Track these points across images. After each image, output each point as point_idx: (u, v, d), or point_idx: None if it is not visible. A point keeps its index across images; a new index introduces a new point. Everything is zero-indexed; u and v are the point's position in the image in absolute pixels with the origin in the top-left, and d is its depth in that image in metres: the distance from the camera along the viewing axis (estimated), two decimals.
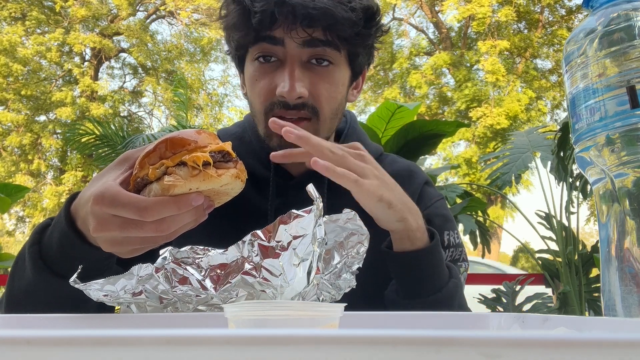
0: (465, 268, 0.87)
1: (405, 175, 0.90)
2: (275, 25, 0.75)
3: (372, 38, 0.83)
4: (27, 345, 0.19)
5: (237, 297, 0.52)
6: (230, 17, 0.80)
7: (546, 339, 0.19)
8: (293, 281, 0.52)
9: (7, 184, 3.36)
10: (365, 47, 0.83)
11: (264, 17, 0.74)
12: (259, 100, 0.81)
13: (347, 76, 0.84)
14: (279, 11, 0.73)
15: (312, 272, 0.52)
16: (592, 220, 8.95)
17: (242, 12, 0.77)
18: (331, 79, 0.80)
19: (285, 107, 0.78)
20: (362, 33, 0.79)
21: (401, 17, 14.96)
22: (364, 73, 0.92)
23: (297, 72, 0.77)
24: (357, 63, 0.85)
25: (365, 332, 0.18)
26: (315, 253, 0.52)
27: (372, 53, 0.89)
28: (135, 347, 0.19)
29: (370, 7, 0.79)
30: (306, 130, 0.78)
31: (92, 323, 0.47)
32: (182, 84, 4.65)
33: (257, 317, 0.38)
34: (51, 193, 12.66)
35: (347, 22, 0.75)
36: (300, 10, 0.72)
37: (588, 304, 2.58)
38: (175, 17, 14.95)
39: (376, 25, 0.82)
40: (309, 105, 0.79)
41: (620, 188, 0.51)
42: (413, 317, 0.47)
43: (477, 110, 12.14)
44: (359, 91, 0.94)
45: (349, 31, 0.76)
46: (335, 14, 0.73)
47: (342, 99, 0.85)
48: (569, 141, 2.42)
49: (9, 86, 12.82)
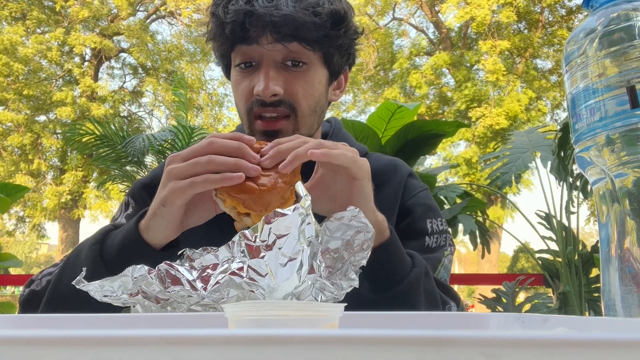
0: (450, 252, 0.92)
1: (390, 169, 0.96)
2: (246, 34, 0.82)
3: (343, 39, 0.87)
4: (27, 345, 0.19)
5: (228, 297, 0.52)
6: (210, 29, 0.88)
7: (546, 339, 0.19)
8: (282, 281, 0.51)
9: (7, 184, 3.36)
10: (338, 48, 0.87)
11: (235, 26, 0.82)
12: (242, 102, 0.87)
13: (324, 76, 0.89)
14: (248, 21, 0.81)
15: (302, 271, 0.52)
16: (592, 220, 8.96)
17: (218, 24, 0.84)
18: (307, 78, 0.86)
19: (262, 105, 0.84)
20: (330, 35, 0.84)
21: (401, 17, 14.97)
22: (346, 73, 0.97)
23: (272, 73, 0.83)
24: (334, 63, 0.89)
25: (365, 332, 0.18)
26: (305, 252, 0.52)
27: (351, 54, 0.93)
28: (135, 347, 0.19)
29: (337, 11, 0.84)
30: (286, 128, 0.86)
31: (92, 323, 0.47)
32: (182, 84, 4.65)
33: (257, 317, 0.38)
34: (51, 193, 12.67)
35: (311, 26, 0.81)
36: (266, 18, 0.80)
37: (588, 304, 2.58)
38: (175, 17, 14.95)
39: (345, 28, 0.86)
40: (286, 102, 0.84)
41: (620, 188, 0.51)
42: (413, 317, 0.47)
43: (477, 111, 12.15)
44: (341, 91, 0.98)
45: (315, 34, 0.82)
46: (296, 18, 0.80)
47: (320, 96, 0.89)
48: (569, 141, 2.42)
49: (9, 86, 12.83)
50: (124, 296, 0.52)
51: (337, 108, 14.21)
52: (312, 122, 0.89)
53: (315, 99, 0.87)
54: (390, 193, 0.94)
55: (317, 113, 0.90)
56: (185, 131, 3.68)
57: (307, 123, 0.88)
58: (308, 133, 0.88)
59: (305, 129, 0.87)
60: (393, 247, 0.73)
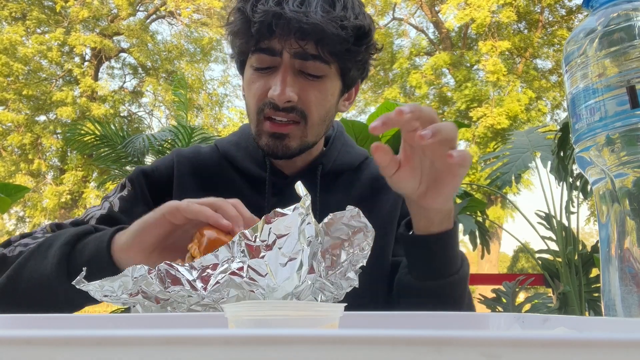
0: None
1: None
2: (272, 36, 0.82)
3: (363, 55, 0.88)
4: (27, 345, 0.19)
5: (228, 297, 0.52)
6: (234, 24, 0.86)
7: (546, 339, 0.19)
8: (282, 281, 0.51)
9: (7, 184, 3.36)
10: (356, 62, 0.88)
11: (262, 27, 0.81)
12: (253, 101, 0.87)
13: (337, 88, 0.89)
14: (276, 23, 0.80)
15: (302, 271, 0.52)
16: (592, 220, 8.95)
17: (244, 21, 0.83)
18: (321, 88, 0.86)
19: (275, 108, 0.84)
20: (352, 50, 0.84)
21: (401, 17, 14.97)
22: (357, 86, 0.97)
23: (289, 79, 0.83)
24: (349, 77, 0.90)
25: (365, 332, 0.18)
26: (305, 251, 0.52)
27: (365, 68, 0.93)
28: (135, 347, 0.19)
29: (362, 27, 0.84)
30: (294, 134, 0.86)
31: (92, 323, 0.47)
32: (182, 84, 4.65)
33: (257, 317, 0.38)
34: (51, 193, 12.66)
35: (336, 38, 0.81)
36: (294, 24, 0.79)
37: (588, 304, 2.58)
38: (175, 17, 14.95)
39: (367, 44, 0.87)
40: (298, 109, 0.84)
41: (620, 188, 0.51)
42: (413, 317, 0.47)
43: (477, 111, 12.14)
44: (350, 102, 0.98)
45: (338, 47, 0.82)
46: (325, 29, 0.79)
47: (331, 107, 0.90)
48: (569, 141, 2.42)
49: (9, 86, 12.82)
50: (124, 296, 0.52)
51: None
52: (320, 130, 0.90)
53: (326, 110, 0.88)
54: (390, 198, 0.95)
55: (326, 123, 0.91)
56: (185, 131, 3.68)
57: (315, 131, 0.88)
58: (314, 140, 0.90)
59: (312, 137, 0.88)
60: (453, 238, 0.74)
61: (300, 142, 0.87)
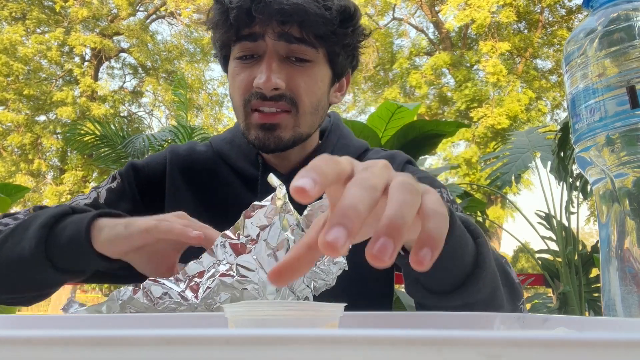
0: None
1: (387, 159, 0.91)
2: (252, 22, 0.78)
3: (350, 39, 0.84)
4: (27, 345, 0.19)
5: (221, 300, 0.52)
6: (213, 16, 0.83)
7: (546, 339, 0.19)
8: None
9: (7, 184, 3.36)
10: (344, 47, 0.84)
11: (240, 12, 0.77)
12: (239, 93, 0.82)
13: (327, 75, 0.85)
14: (255, 7, 0.76)
15: None
16: (592, 220, 8.95)
17: (222, 11, 0.80)
18: (310, 73, 0.82)
19: (262, 98, 0.79)
20: (337, 32, 0.80)
21: (401, 17, 14.97)
22: (348, 76, 0.94)
23: (275, 65, 0.79)
24: (338, 64, 0.86)
25: (365, 332, 0.18)
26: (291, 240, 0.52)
27: (355, 56, 0.90)
28: (135, 347, 0.19)
29: (347, 7, 0.81)
30: (285, 123, 0.81)
31: (92, 323, 0.47)
32: (182, 84, 4.65)
33: (257, 317, 0.38)
34: (51, 193, 12.66)
35: (320, 19, 0.77)
36: (275, 6, 0.75)
37: (588, 304, 2.58)
38: (175, 17, 14.95)
39: (353, 26, 0.83)
40: (287, 96, 0.80)
41: (620, 188, 0.51)
42: (413, 317, 0.47)
43: (477, 111, 12.15)
44: (342, 94, 0.94)
45: (322, 28, 0.78)
46: (307, 9, 0.76)
47: (322, 95, 0.85)
48: (569, 141, 2.42)
49: (9, 86, 12.83)
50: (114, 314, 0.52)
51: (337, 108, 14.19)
52: (313, 121, 0.85)
53: (317, 97, 0.83)
54: None
55: (319, 113, 0.86)
56: (185, 131, 3.68)
57: (308, 121, 0.84)
58: (308, 132, 0.85)
59: (305, 127, 0.84)
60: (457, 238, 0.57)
61: (293, 133, 0.82)
